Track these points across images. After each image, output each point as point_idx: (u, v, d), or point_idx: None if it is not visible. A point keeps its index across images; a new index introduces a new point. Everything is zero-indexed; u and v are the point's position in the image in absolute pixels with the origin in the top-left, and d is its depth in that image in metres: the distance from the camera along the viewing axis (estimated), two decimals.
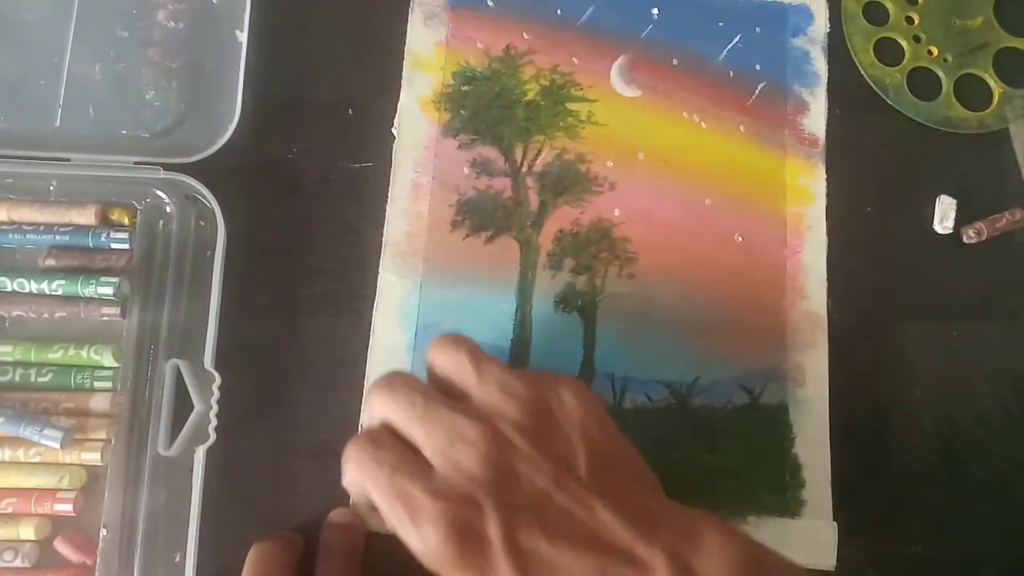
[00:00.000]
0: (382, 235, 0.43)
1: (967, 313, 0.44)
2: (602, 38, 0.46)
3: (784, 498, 0.41)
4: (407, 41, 0.45)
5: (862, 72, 0.47)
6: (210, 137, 0.41)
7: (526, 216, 0.43)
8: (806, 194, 0.45)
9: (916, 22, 0.48)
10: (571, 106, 0.45)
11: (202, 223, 0.41)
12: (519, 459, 0.31)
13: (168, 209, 0.41)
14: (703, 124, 0.45)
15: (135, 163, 0.41)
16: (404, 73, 0.45)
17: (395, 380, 0.33)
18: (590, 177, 0.44)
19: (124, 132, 0.42)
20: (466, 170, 0.44)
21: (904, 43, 0.47)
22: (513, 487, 0.30)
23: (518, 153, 0.44)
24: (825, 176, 0.45)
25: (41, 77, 0.42)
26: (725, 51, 0.46)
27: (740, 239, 0.44)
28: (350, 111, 0.44)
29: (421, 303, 0.42)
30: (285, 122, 0.44)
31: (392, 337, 0.41)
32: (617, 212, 0.44)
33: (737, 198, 0.44)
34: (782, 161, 0.45)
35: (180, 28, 0.43)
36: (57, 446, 0.37)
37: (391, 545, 0.31)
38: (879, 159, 0.46)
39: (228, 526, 0.39)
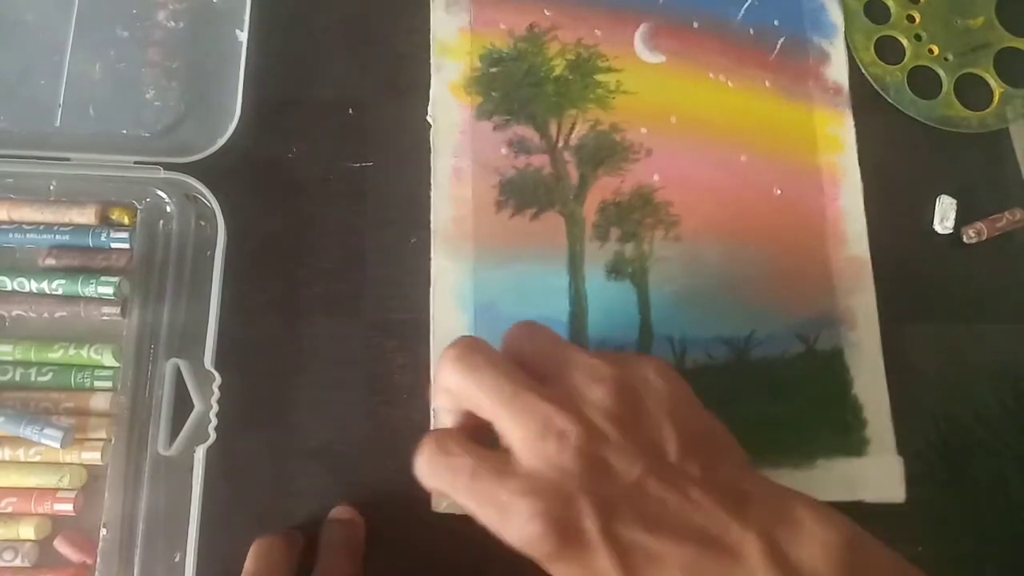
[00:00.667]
0: (382, 235, 0.43)
1: (967, 313, 0.44)
2: (622, 8, 0.46)
3: (849, 439, 0.41)
4: (431, 29, 0.45)
5: (863, 70, 0.47)
6: (210, 137, 0.41)
7: (568, 190, 0.44)
8: (836, 143, 0.45)
9: (917, 21, 0.48)
10: (599, 78, 0.45)
11: (202, 223, 0.41)
12: (611, 449, 0.30)
13: (168, 209, 0.41)
14: (729, 83, 0.46)
15: (135, 163, 0.41)
16: (432, 61, 0.45)
17: (476, 357, 0.32)
18: (626, 145, 0.44)
19: (124, 132, 0.42)
20: (504, 150, 0.44)
21: (905, 41, 0.47)
22: (606, 478, 0.30)
23: (552, 129, 0.44)
24: (853, 123, 0.45)
25: (41, 77, 0.42)
26: (743, 10, 0.46)
27: (779, 192, 0.44)
28: (350, 111, 0.44)
29: (476, 285, 0.42)
30: (285, 122, 0.44)
31: (451, 320, 0.42)
32: (656, 177, 0.44)
33: (771, 152, 0.45)
34: (810, 112, 0.45)
35: (180, 28, 0.43)
36: (57, 446, 0.37)
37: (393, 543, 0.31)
38: (879, 158, 0.46)
39: (228, 526, 0.39)
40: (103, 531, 0.37)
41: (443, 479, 0.31)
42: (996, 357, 0.44)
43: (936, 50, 0.47)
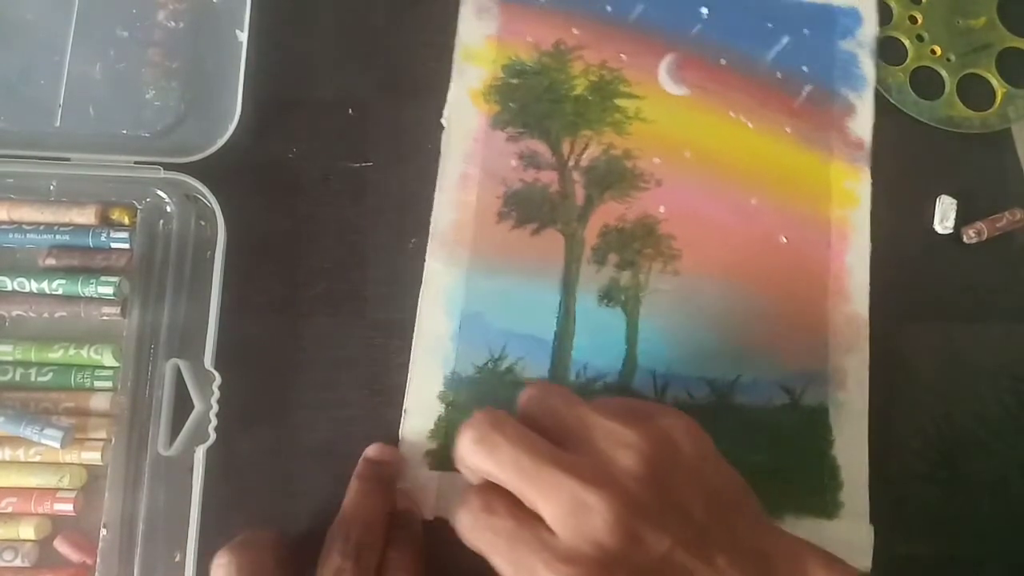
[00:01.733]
0: (382, 235, 0.43)
1: (967, 313, 0.44)
2: (651, 35, 0.46)
3: (823, 499, 0.41)
4: (458, 33, 0.45)
5: None
6: (210, 137, 0.41)
7: (572, 210, 0.44)
8: (851, 197, 0.45)
9: (919, 21, 0.47)
10: (619, 102, 0.45)
11: (202, 223, 0.41)
12: (641, 521, 0.30)
13: (168, 209, 0.41)
14: (750, 124, 0.45)
15: (135, 163, 0.41)
16: (455, 64, 0.45)
17: (494, 436, 0.31)
18: (636, 173, 0.44)
19: (124, 132, 0.42)
20: (513, 162, 0.44)
21: (907, 42, 0.47)
22: (638, 550, 0.29)
23: (565, 147, 0.44)
24: (871, 180, 0.45)
25: (41, 77, 0.42)
26: (773, 52, 0.46)
27: (785, 240, 0.44)
28: (350, 111, 0.44)
29: (467, 292, 0.42)
30: (285, 122, 0.44)
31: (437, 325, 0.42)
32: (662, 209, 0.44)
33: (782, 199, 0.44)
34: (828, 164, 0.45)
35: (180, 28, 0.43)
36: (57, 446, 0.37)
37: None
38: (880, 158, 0.46)
39: (228, 526, 0.39)
40: (103, 531, 0.37)
41: (482, 539, 0.31)
42: (996, 357, 0.44)
43: (938, 51, 0.47)
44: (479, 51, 0.45)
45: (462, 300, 0.42)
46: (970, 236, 0.44)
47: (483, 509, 0.31)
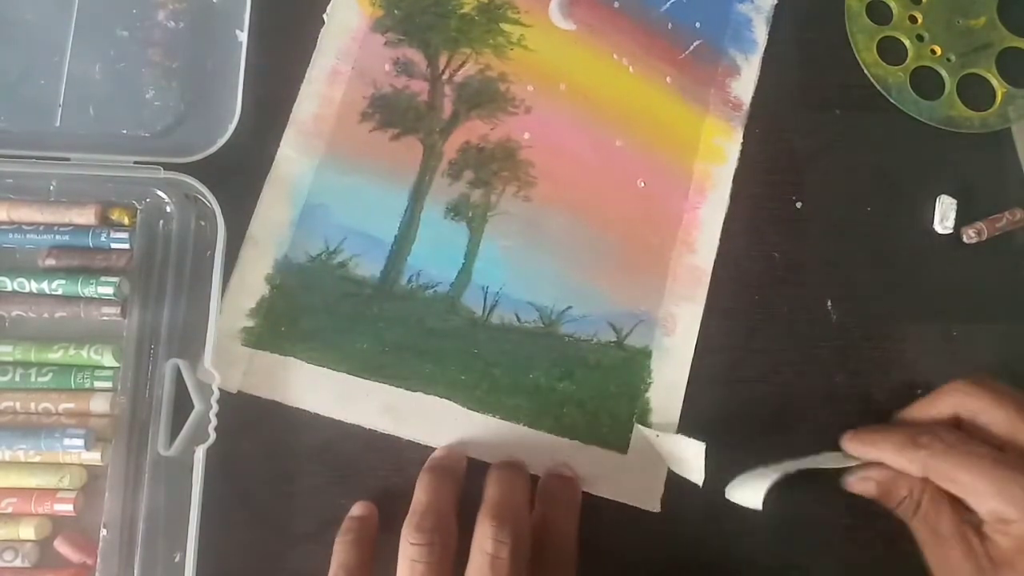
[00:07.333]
0: None
1: (967, 313, 0.44)
2: None
3: (625, 437, 0.42)
4: None
5: (865, 71, 0.46)
6: (210, 137, 0.41)
7: (436, 122, 0.44)
8: (719, 153, 0.45)
9: (919, 21, 0.47)
10: (504, 26, 0.45)
11: (202, 223, 0.41)
12: None
13: (168, 209, 0.41)
14: (631, 68, 0.46)
15: (135, 163, 0.41)
16: None
17: (993, 383, 0.39)
18: (508, 97, 0.45)
19: (124, 132, 0.42)
20: (387, 67, 0.44)
21: (907, 42, 0.47)
22: None
23: (442, 61, 0.45)
24: (741, 141, 0.45)
25: (41, 77, 0.42)
26: (668, 3, 0.46)
27: (642, 184, 0.44)
28: None
29: (313, 183, 0.43)
30: (285, 122, 0.44)
31: (278, 211, 0.42)
32: (527, 136, 0.44)
33: (648, 145, 0.45)
34: (701, 118, 0.46)
35: (180, 28, 0.43)
36: (84, 448, 0.37)
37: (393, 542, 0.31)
38: (879, 159, 0.46)
39: (228, 526, 0.39)
40: (103, 531, 0.37)
41: (962, 460, 0.37)
42: (996, 357, 0.44)
43: (938, 51, 0.47)
44: None
45: (307, 189, 0.43)
46: (970, 236, 0.44)
47: (962, 440, 0.37)
